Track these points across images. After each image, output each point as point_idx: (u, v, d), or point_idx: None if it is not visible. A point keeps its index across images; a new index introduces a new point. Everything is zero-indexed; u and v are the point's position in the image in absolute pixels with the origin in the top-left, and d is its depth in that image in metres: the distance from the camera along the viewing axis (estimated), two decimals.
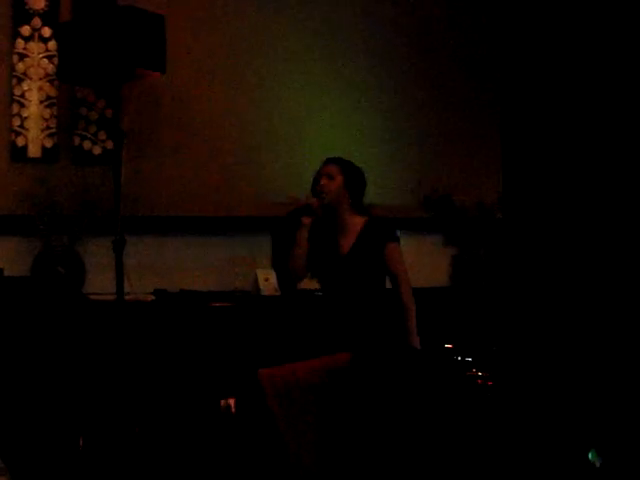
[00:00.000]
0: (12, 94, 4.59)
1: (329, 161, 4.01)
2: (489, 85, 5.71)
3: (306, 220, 3.92)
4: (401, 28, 5.49)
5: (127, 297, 4.17)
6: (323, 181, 3.93)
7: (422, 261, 5.35)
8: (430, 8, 5.58)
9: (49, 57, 4.65)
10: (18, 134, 4.59)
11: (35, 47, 4.63)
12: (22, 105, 4.61)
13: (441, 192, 5.41)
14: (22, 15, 4.61)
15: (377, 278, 3.90)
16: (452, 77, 5.61)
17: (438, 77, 5.58)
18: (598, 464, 3.85)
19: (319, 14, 5.30)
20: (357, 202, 3.98)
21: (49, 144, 4.65)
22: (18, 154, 4.59)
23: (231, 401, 4.19)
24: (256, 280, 4.83)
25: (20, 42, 4.61)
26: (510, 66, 5.72)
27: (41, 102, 4.64)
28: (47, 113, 4.65)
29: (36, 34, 4.64)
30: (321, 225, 3.97)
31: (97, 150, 4.74)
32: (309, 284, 4.82)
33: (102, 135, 4.75)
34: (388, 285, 3.98)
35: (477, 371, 4.56)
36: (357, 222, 3.94)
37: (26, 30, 4.62)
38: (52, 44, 4.64)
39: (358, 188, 3.99)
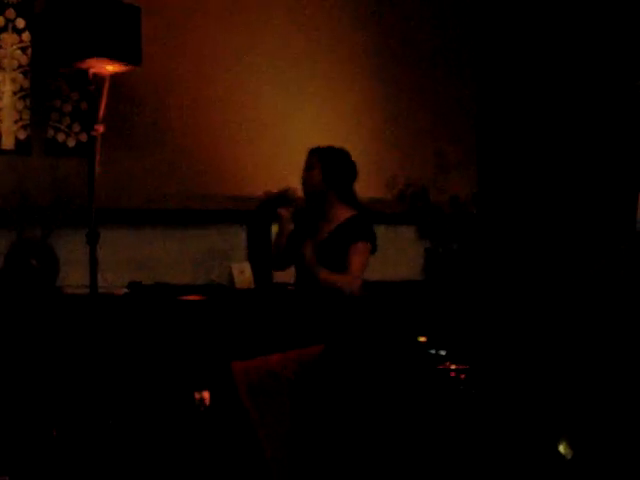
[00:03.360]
0: None
1: (310, 151, 3.98)
2: (465, 80, 5.74)
3: (284, 212, 3.89)
4: (378, 23, 5.50)
5: (101, 290, 4.16)
6: (303, 173, 3.92)
7: (396, 254, 5.38)
8: (409, 2, 5.60)
9: (23, 48, 4.61)
10: None
11: (9, 38, 4.59)
12: None
13: (415, 187, 5.43)
14: None
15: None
16: (427, 72, 5.63)
17: (414, 72, 5.60)
18: (569, 456, 3.89)
19: (300, 8, 5.30)
20: (344, 191, 3.93)
21: (22, 136, 4.62)
22: None
23: (205, 394, 4.19)
24: (231, 273, 4.84)
25: None
26: (486, 62, 5.75)
27: (14, 94, 4.60)
28: (20, 105, 4.61)
29: (10, 25, 4.60)
30: (308, 213, 3.93)
31: (71, 142, 4.72)
32: (283, 277, 4.84)
33: (76, 127, 4.72)
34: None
35: (450, 364, 4.59)
36: (342, 214, 3.88)
37: (0, 21, 4.58)
38: (26, 35, 4.60)
39: (341, 176, 3.93)
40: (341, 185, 3.91)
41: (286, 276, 4.97)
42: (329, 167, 3.90)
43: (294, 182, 4.06)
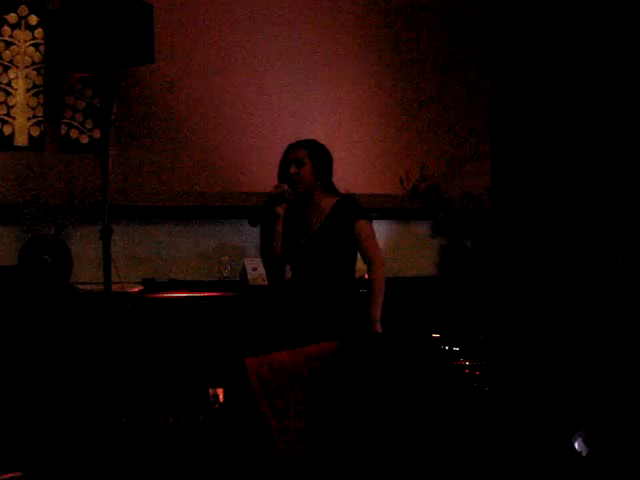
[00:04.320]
0: None
1: (296, 145, 3.90)
2: (478, 75, 5.71)
3: (280, 210, 3.85)
4: (390, 18, 5.48)
5: (114, 286, 4.16)
6: (293, 169, 3.84)
7: (410, 251, 5.37)
8: None
9: (36, 45, 4.62)
10: (4, 122, 4.56)
11: (22, 35, 4.60)
12: (8, 93, 4.58)
13: (429, 182, 5.41)
14: (8, 2, 4.58)
15: (346, 260, 3.84)
16: (441, 67, 5.60)
17: (427, 67, 5.58)
18: (584, 453, 3.87)
19: (309, 5, 5.29)
20: (327, 182, 3.91)
21: (36, 133, 4.63)
22: (4, 143, 4.56)
23: (219, 391, 4.19)
24: (244, 269, 4.83)
25: (6, 30, 4.58)
26: (500, 56, 5.73)
27: (28, 90, 4.61)
28: (34, 101, 4.62)
29: (23, 22, 4.61)
30: (293, 209, 3.90)
31: (84, 139, 4.72)
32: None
33: (89, 124, 4.73)
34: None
35: (464, 360, 4.57)
36: (327, 203, 3.86)
37: (13, 18, 4.59)
38: (39, 32, 4.61)
39: (327, 168, 3.91)
40: (327, 177, 3.90)
41: None
42: (319, 161, 3.88)
43: None
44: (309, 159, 3.85)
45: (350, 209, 3.83)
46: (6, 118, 4.57)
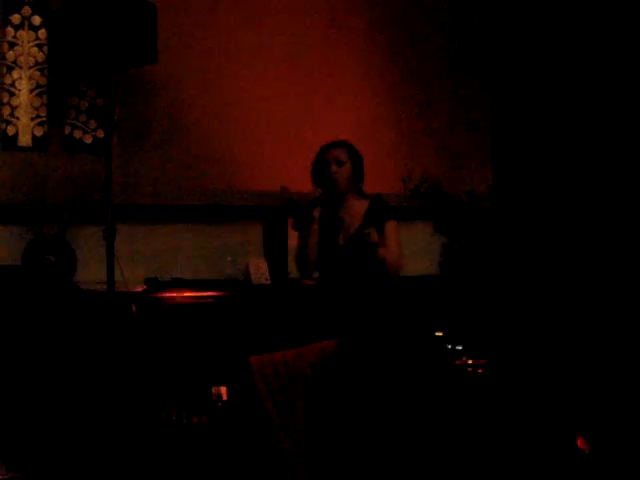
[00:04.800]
0: (2, 83, 4.57)
1: (335, 145, 3.89)
2: (480, 74, 5.72)
3: (316, 212, 3.83)
4: (392, 19, 5.49)
5: (118, 286, 4.17)
6: (334, 168, 3.83)
7: (412, 250, 5.37)
8: None
9: (39, 45, 4.63)
10: (8, 123, 4.58)
11: (25, 35, 4.62)
12: (12, 94, 4.59)
13: (431, 181, 5.42)
14: (12, 3, 4.59)
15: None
16: (443, 66, 5.61)
17: (429, 66, 5.58)
18: (587, 450, 3.88)
19: (313, 5, 5.30)
20: (360, 184, 3.90)
21: (39, 133, 4.64)
22: (8, 143, 4.57)
23: (222, 389, 4.20)
24: (247, 268, 4.84)
25: (10, 30, 4.59)
26: (500, 55, 5.73)
27: (31, 91, 4.63)
28: (37, 102, 4.64)
29: (26, 22, 4.62)
30: (327, 211, 3.89)
31: (88, 139, 4.73)
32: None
33: (92, 124, 4.74)
34: None
35: (467, 359, 4.58)
36: (361, 204, 3.86)
37: (16, 18, 4.60)
38: (42, 32, 4.62)
39: (362, 169, 3.92)
40: (361, 179, 3.90)
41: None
42: (357, 162, 3.88)
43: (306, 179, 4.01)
44: (349, 158, 3.85)
45: (383, 210, 3.83)
46: (10, 118, 4.58)
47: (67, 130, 4.70)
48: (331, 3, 5.35)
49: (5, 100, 4.57)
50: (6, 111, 4.58)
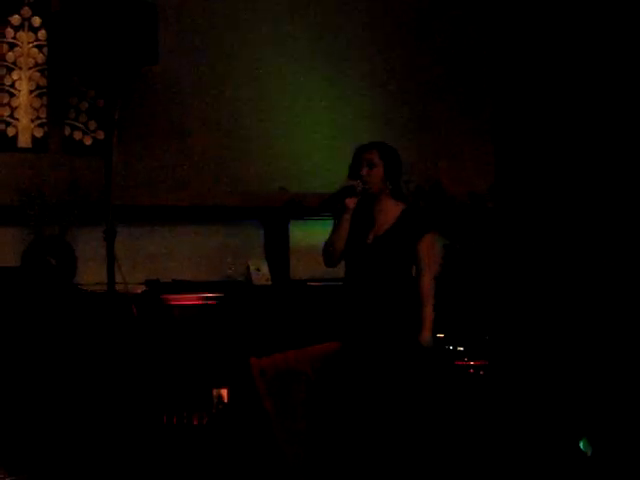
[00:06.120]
0: (2, 84, 4.57)
1: (370, 147, 3.81)
2: (481, 75, 5.71)
3: (351, 203, 3.78)
4: (394, 19, 5.49)
5: (118, 287, 4.17)
6: (365, 170, 3.74)
7: None
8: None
9: (39, 46, 4.62)
10: (8, 124, 4.58)
11: (25, 36, 4.61)
12: (12, 95, 4.59)
13: (432, 181, 5.41)
14: (12, 4, 4.59)
15: (405, 268, 3.80)
16: (444, 66, 5.60)
17: (432, 68, 5.58)
18: (589, 453, 3.87)
19: (315, 6, 5.29)
20: (397, 186, 3.84)
21: (39, 134, 4.64)
22: (8, 144, 4.57)
23: (223, 391, 4.20)
24: (248, 270, 4.83)
25: (10, 31, 4.59)
26: (502, 56, 5.73)
27: (31, 92, 4.62)
28: (37, 103, 4.63)
29: (26, 23, 4.62)
30: (362, 207, 3.80)
31: (88, 140, 4.73)
32: (300, 274, 4.83)
33: (93, 125, 4.74)
34: None
35: (469, 360, 4.57)
36: (395, 209, 3.78)
37: (16, 19, 4.60)
38: (42, 33, 4.61)
39: (397, 171, 3.83)
40: (397, 181, 3.86)
41: (303, 273, 4.98)
42: (390, 164, 3.84)
43: (309, 180, 4.00)
44: (381, 161, 3.82)
45: (420, 220, 3.79)
46: (10, 119, 4.58)
47: (67, 131, 4.70)
48: (334, 7, 5.34)
49: (5, 101, 4.57)
50: (6, 112, 4.57)
